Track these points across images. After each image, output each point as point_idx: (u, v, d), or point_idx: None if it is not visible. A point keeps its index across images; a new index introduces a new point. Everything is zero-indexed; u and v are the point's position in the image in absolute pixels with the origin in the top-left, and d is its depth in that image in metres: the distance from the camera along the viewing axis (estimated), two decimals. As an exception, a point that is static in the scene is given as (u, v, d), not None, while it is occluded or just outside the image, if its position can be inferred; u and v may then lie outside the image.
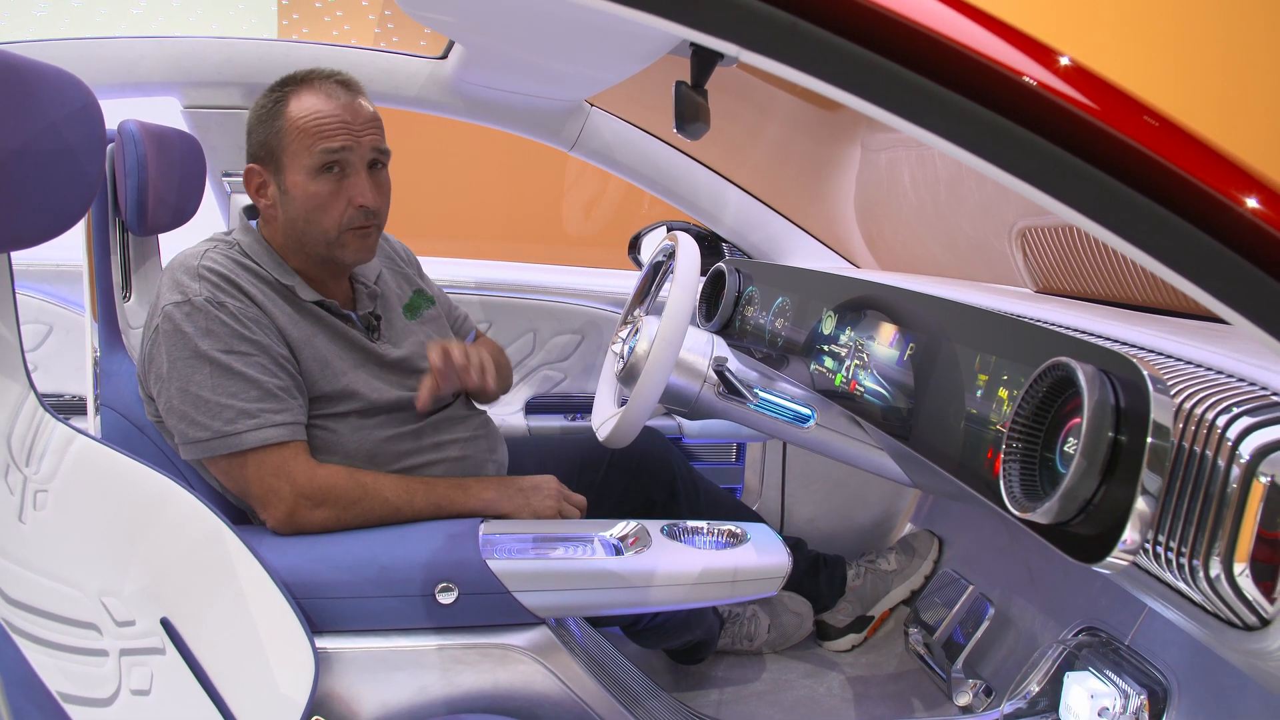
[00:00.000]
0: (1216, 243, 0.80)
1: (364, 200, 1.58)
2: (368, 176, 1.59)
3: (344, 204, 1.57)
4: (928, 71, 0.80)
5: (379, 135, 1.61)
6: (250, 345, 1.51)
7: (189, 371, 1.48)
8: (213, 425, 1.47)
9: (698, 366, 1.78)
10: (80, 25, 3.58)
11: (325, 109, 1.56)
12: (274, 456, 1.49)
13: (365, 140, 1.58)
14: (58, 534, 1.18)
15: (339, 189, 1.57)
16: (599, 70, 1.92)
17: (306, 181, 1.56)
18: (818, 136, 2.57)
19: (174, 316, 1.50)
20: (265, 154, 1.60)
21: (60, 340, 2.35)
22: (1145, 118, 0.82)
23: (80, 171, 1.11)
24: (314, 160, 1.55)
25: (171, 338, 1.50)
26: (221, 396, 1.48)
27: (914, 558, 2.37)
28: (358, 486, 1.52)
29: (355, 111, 1.58)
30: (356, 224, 1.59)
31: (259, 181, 1.62)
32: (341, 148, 1.55)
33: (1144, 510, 0.87)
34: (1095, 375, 0.94)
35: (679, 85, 1.15)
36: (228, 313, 1.50)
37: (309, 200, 1.57)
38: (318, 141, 1.55)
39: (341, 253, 1.61)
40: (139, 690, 1.18)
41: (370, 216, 1.60)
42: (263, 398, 1.49)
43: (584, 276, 2.63)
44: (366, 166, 1.59)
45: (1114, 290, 1.71)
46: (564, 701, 1.47)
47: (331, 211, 1.57)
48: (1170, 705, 1.57)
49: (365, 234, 1.61)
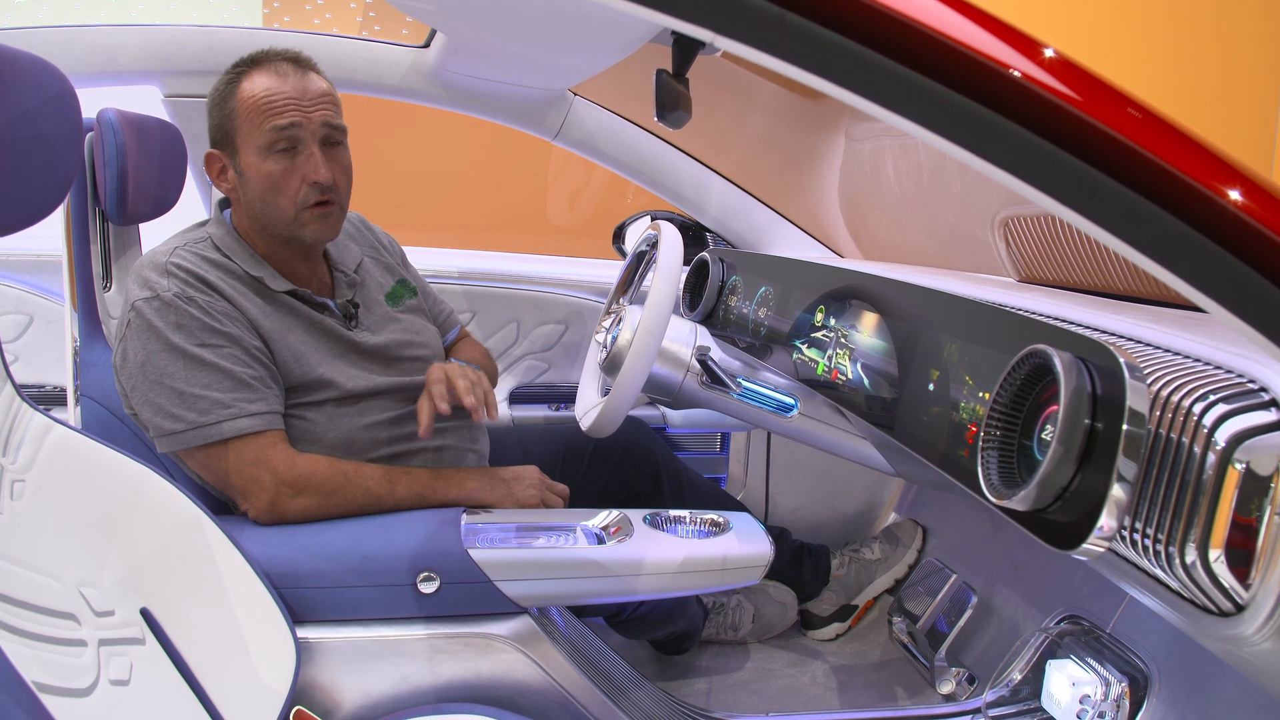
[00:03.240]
0: (1196, 232, 0.80)
1: (317, 176, 1.56)
2: (321, 153, 1.57)
3: (298, 181, 1.56)
4: (910, 61, 0.80)
5: (332, 111, 1.59)
6: (222, 338, 1.50)
7: (162, 365, 1.47)
8: (188, 417, 1.47)
9: (681, 356, 1.78)
10: (58, 13, 3.54)
11: (275, 87, 1.55)
12: (252, 446, 1.48)
13: (316, 116, 1.57)
14: (35, 524, 1.17)
15: (292, 166, 1.56)
16: (581, 59, 1.92)
17: (259, 161, 1.55)
18: (802, 126, 2.57)
19: (144, 312, 1.49)
20: (221, 137, 1.59)
21: (41, 331, 2.33)
22: (1128, 109, 0.82)
23: (56, 159, 1.10)
24: (264, 139, 1.54)
25: (143, 333, 1.49)
26: (195, 388, 1.47)
27: (898, 547, 2.38)
28: (339, 474, 1.51)
29: (305, 88, 1.56)
30: (312, 201, 1.57)
31: (219, 166, 1.61)
32: (290, 124, 1.54)
33: (1120, 497, 0.87)
34: (1072, 363, 0.94)
35: (660, 73, 1.15)
36: (197, 307, 1.50)
37: (263, 180, 1.56)
38: (267, 119, 1.54)
39: (302, 232, 1.59)
40: (118, 680, 1.17)
41: (326, 192, 1.58)
42: (237, 387, 1.49)
43: (568, 266, 2.62)
44: (320, 143, 1.58)
45: (1095, 279, 1.72)
46: (547, 691, 1.47)
47: (286, 190, 1.56)
48: (1151, 692, 1.58)
49: (325, 213, 1.59)
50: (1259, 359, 0.98)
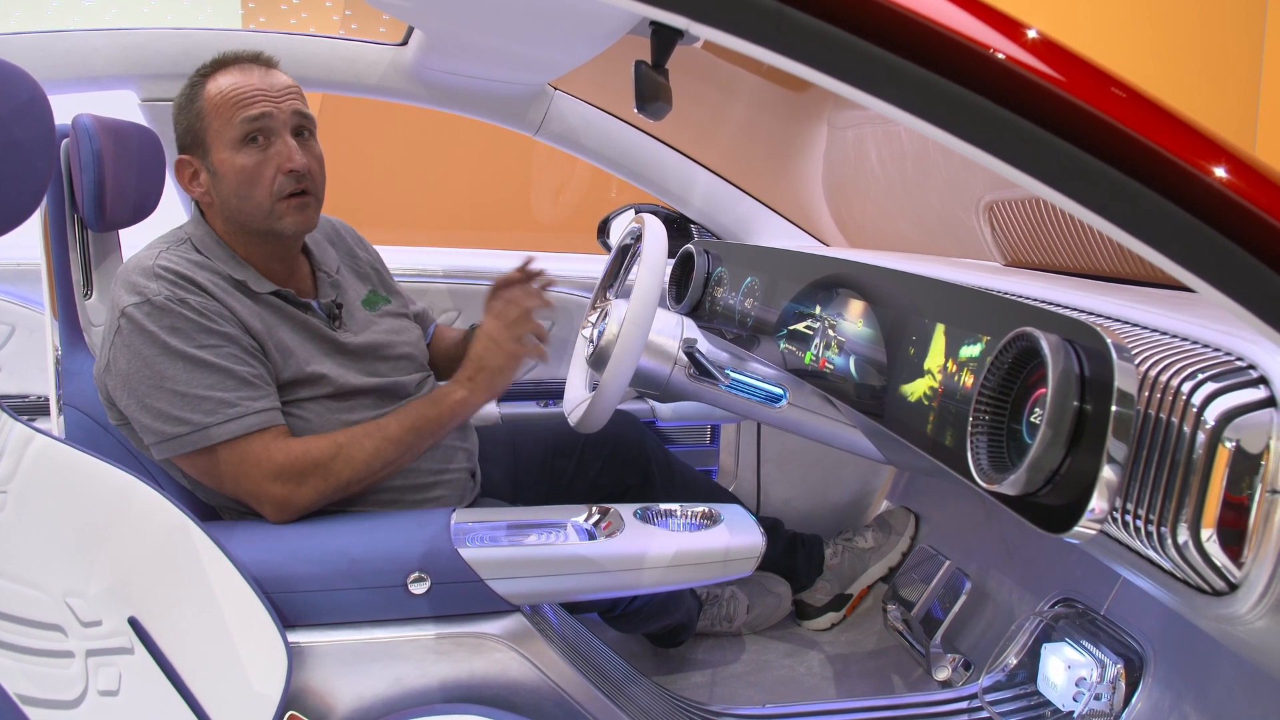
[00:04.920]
0: (1182, 211, 0.80)
1: (292, 164, 1.55)
2: (294, 142, 1.57)
3: (273, 171, 1.55)
4: (890, 44, 0.79)
5: (300, 101, 1.59)
6: (218, 337, 1.48)
7: (160, 368, 1.45)
8: (192, 419, 1.45)
9: (668, 349, 1.77)
10: (31, 18, 3.51)
11: (240, 81, 1.54)
12: (257, 444, 1.47)
13: (285, 105, 1.56)
14: (18, 535, 1.16)
15: (265, 158, 1.55)
16: (560, 53, 1.90)
17: (232, 156, 1.54)
18: (784, 116, 2.57)
19: (135, 317, 1.47)
20: (190, 140, 1.58)
21: (23, 340, 2.31)
22: (1112, 89, 0.81)
23: (29, 166, 1.08)
24: (236, 132, 1.53)
25: (136, 338, 1.46)
26: (198, 389, 1.45)
27: (891, 535, 2.38)
28: (331, 444, 1.50)
29: (272, 81, 1.56)
30: (288, 191, 1.56)
31: (190, 171, 1.59)
32: (261, 114, 1.53)
33: (1110, 478, 0.87)
34: (1059, 345, 0.93)
35: (639, 65, 1.14)
36: (190, 308, 1.48)
37: (238, 174, 1.54)
38: (237, 112, 1.53)
39: (279, 224, 1.57)
40: (107, 691, 1.16)
41: (302, 180, 1.57)
42: (239, 386, 1.47)
43: (553, 262, 2.60)
44: (291, 133, 1.57)
45: (1081, 261, 1.72)
46: (541, 689, 1.46)
47: (261, 182, 1.55)
48: (1146, 673, 1.58)
49: (302, 204, 1.58)
50: (1246, 336, 0.97)
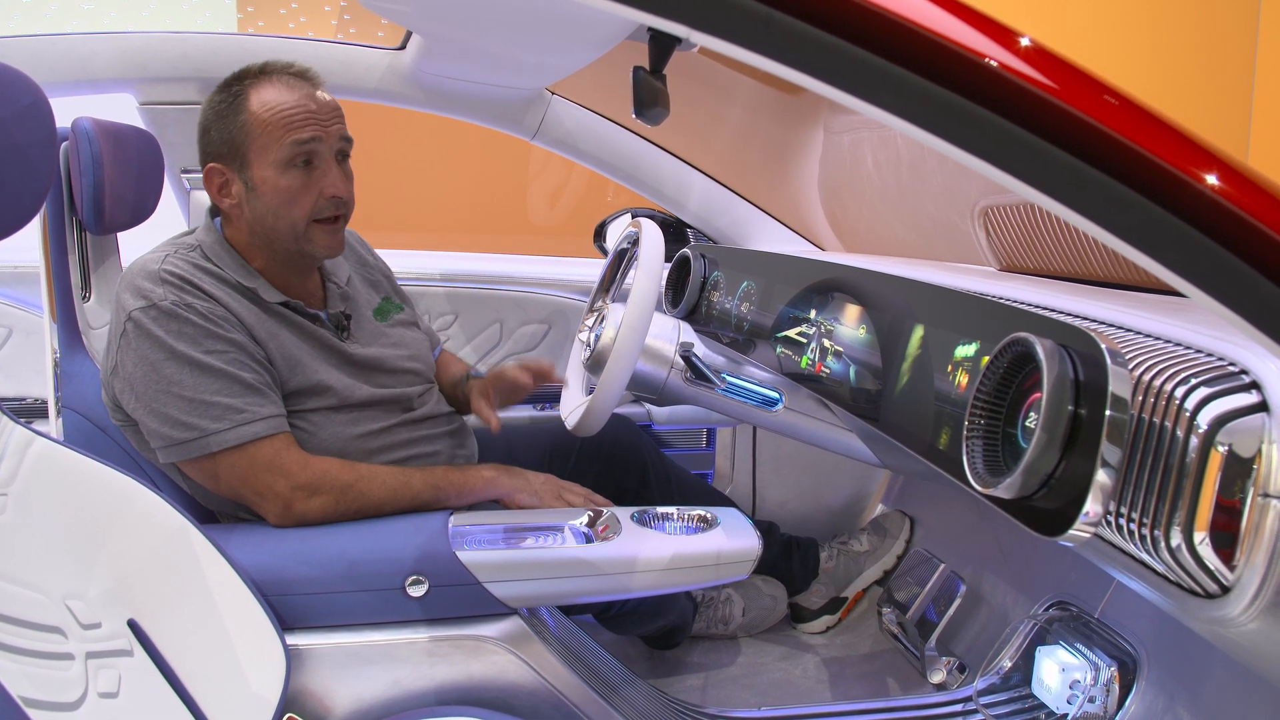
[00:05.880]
0: (1175, 218, 0.80)
1: (336, 191, 1.56)
2: (337, 169, 1.58)
3: (314, 196, 1.55)
4: (886, 52, 0.79)
5: (344, 125, 1.60)
6: (224, 343, 1.48)
7: (167, 373, 1.45)
8: (199, 424, 1.45)
9: (664, 353, 1.78)
10: (30, 22, 3.51)
11: (289, 100, 1.54)
12: (266, 450, 1.47)
13: (332, 130, 1.57)
14: (18, 538, 1.16)
15: (309, 181, 1.55)
16: (557, 58, 1.91)
17: (276, 175, 1.54)
18: (780, 120, 2.58)
19: (141, 321, 1.46)
20: (228, 151, 1.56)
21: (21, 343, 2.32)
22: (1105, 96, 0.82)
23: (30, 170, 1.09)
24: (284, 153, 1.53)
25: (142, 343, 1.46)
26: (205, 394, 1.45)
27: (886, 538, 2.38)
28: (351, 471, 1.51)
29: (319, 102, 1.56)
30: (326, 215, 1.57)
31: (221, 180, 1.58)
32: (311, 138, 1.54)
33: (1105, 482, 0.87)
34: (1054, 350, 0.94)
35: (637, 70, 1.15)
36: (196, 313, 1.48)
37: (279, 194, 1.54)
38: (287, 134, 1.53)
39: (310, 246, 1.58)
40: (107, 693, 1.16)
41: (340, 206, 1.59)
42: (246, 391, 1.47)
43: (550, 266, 2.62)
44: (335, 157, 1.58)
45: (1075, 266, 1.73)
46: (539, 691, 1.46)
47: (302, 204, 1.55)
48: (1140, 676, 1.59)
49: (334, 228, 1.60)
50: (1239, 342, 0.98)
